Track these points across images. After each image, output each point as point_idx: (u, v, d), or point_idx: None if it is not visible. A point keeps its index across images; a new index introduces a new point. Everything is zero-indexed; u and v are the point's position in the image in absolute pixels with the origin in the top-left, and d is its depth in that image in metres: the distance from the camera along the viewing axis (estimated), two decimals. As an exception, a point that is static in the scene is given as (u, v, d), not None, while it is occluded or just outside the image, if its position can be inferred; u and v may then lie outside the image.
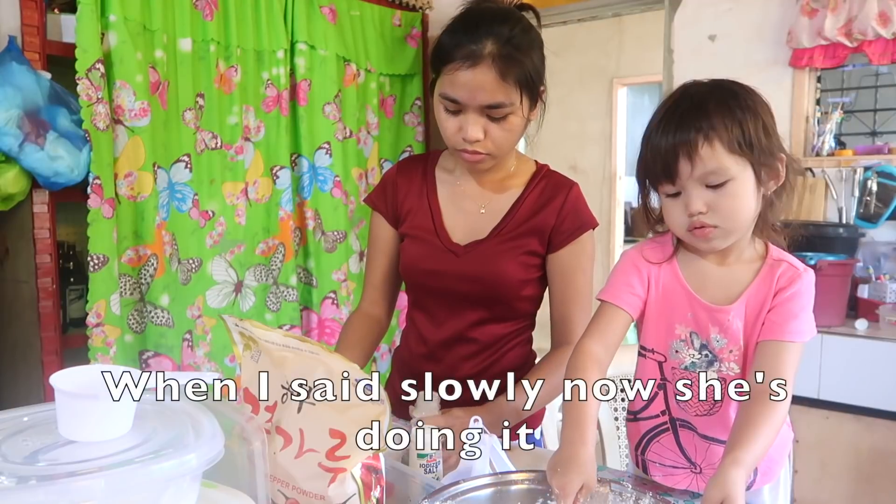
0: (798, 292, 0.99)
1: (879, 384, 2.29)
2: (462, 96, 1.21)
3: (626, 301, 1.06)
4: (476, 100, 1.20)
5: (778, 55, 2.82)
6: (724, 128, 0.93)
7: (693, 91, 0.99)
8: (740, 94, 0.97)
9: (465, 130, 1.22)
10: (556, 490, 0.86)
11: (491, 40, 1.18)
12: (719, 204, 0.95)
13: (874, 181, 2.61)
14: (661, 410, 1.09)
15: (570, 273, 1.33)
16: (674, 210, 0.99)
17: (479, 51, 1.18)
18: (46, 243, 2.06)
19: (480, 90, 1.19)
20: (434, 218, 1.36)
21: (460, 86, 1.20)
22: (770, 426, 0.90)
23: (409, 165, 1.44)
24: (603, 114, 5.37)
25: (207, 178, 2.43)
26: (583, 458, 0.89)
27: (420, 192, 1.39)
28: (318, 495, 0.79)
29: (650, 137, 0.99)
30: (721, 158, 0.93)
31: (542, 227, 1.32)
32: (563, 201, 1.32)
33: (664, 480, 1.09)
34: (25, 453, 0.62)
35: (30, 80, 1.92)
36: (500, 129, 1.24)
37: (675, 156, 0.94)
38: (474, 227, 1.35)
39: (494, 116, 1.22)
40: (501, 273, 1.30)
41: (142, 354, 2.25)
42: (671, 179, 0.96)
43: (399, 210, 1.40)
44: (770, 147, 0.96)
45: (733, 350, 1.02)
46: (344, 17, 2.86)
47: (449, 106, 1.24)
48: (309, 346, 0.82)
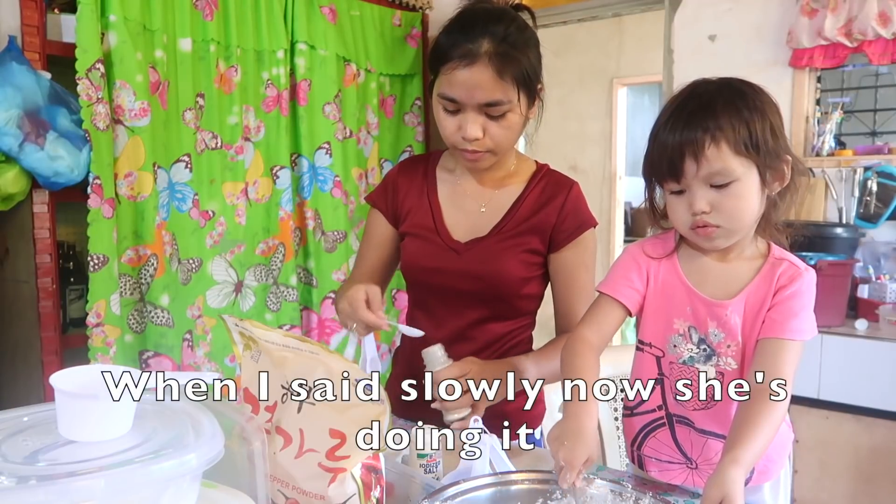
0: (799, 291, 0.99)
1: (879, 384, 2.29)
2: (460, 95, 1.22)
3: (624, 294, 1.07)
4: (474, 98, 1.21)
5: (778, 55, 2.82)
6: (732, 128, 0.93)
7: (702, 90, 0.99)
8: (749, 93, 0.97)
9: (464, 129, 1.23)
10: (562, 462, 0.87)
11: (487, 39, 1.19)
12: (723, 204, 0.95)
13: (874, 181, 2.62)
14: (657, 405, 1.09)
15: (573, 270, 1.34)
16: (678, 208, 0.99)
17: (475, 49, 1.19)
18: (46, 243, 2.06)
19: (478, 88, 1.20)
20: (434, 216, 1.37)
21: (458, 85, 1.21)
22: (769, 425, 0.91)
23: (411, 165, 1.45)
24: (603, 114, 5.37)
25: (207, 178, 2.43)
26: (588, 430, 0.91)
27: (420, 191, 1.39)
28: (318, 495, 0.79)
29: (657, 135, 0.99)
30: (727, 159, 0.93)
31: (543, 226, 1.32)
32: (563, 200, 1.33)
33: (660, 476, 1.10)
34: (25, 453, 0.62)
35: (30, 80, 1.92)
36: (498, 128, 1.24)
37: (681, 155, 0.95)
38: (475, 226, 1.35)
39: (493, 114, 1.23)
40: (502, 270, 1.31)
41: (142, 354, 2.25)
42: (676, 178, 0.96)
43: (399, 209, 1.41)
44: (776, 149, 0.96)
45: (731, 345, 1.02)
46: (344, 17, 2.86)
47: (448, 106, 1.25)
48: (309, 346, 0.82)
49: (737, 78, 1.00)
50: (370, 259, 1.44)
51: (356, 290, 1.19)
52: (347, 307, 1.19)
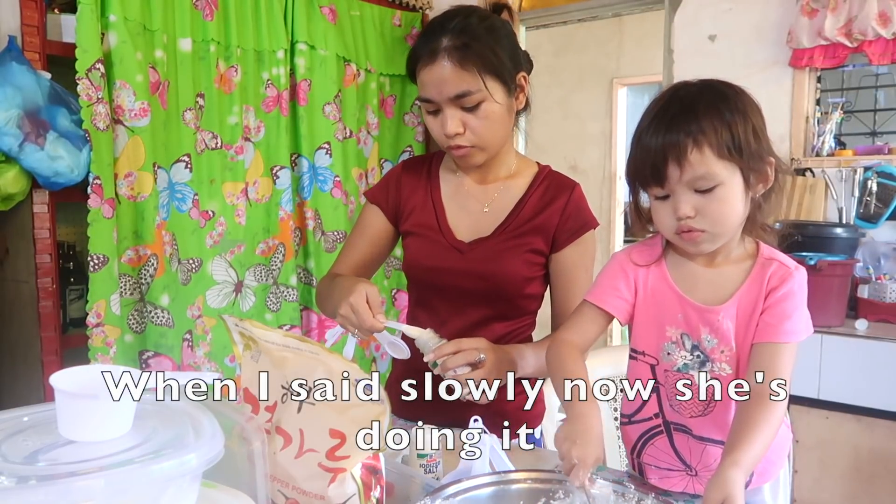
0: (790, 292, 0.98)
1: (879, 384, 2.29)
2: (431, 94, 1.26)
3: (611, 304, 1.06)
4: (443, 93, 1.25)
5: (778, 55, 2.82)
6: (714, 132, 0.93)
7: (683, 93, 0.98)
8: (730, 95, 0.96)
9: (445, 125, 1.27)
10: (575, 460, 0.87)
11: (446, 36, 1.25)
12: (707, 208, 0.95)
13: (874, 181, 2.61)
14: (654, 413, 1.09)
15: (573, 270, 1.35)
16: (662, 212, 0.99)
17: (435, 47, 1.25)
18: (46, 243, 2.06)
19: (443, 83, 1.24)
20: (438, 215, 1.38)
21: (427, 84, 1.26)
22: (768, 427, 0.90)
23: (415, 164, 1.46)
24: (603, 114, 5.37)
25: (207, 178, 2.43)
26: (596, 430, 0.92)
27: (424, 191, 1.40)
28: (318, 495, 0.79)
29: (640, 138, 0.98)
30: (710, 164, 0.93)
31: (546, 227, 1.33)
32: (566, 201, 1.34)
33: (660, 483, 1.09)
34: (25, 453, 0.62)
35: (30, 80, 1.92)
36: (476, 119, 1.27)
37: (664, 160, 0.94)
38: (478, 225, 1.36)
39: (466, 106, 1.26)
40: (507, 270, 1.31)
41: (142, 354, 2.25)
42: (660, 183, 0.96)
43: (402, 207, 1.41)
44: (759, 151, 0.96)
45: (724, 350, 1.01)
46: (344, 17, 2.86)
47: (428, 107, 1.29)
48: (309, 346, 0.82)
49: (718, 80, 1.00)
50: (361, 251, 1.43)
51: (357, 294, 1.15)
52: (350, 314, 1.16)
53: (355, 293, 1.16)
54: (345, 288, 1.20)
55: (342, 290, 1.21)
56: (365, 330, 1.16)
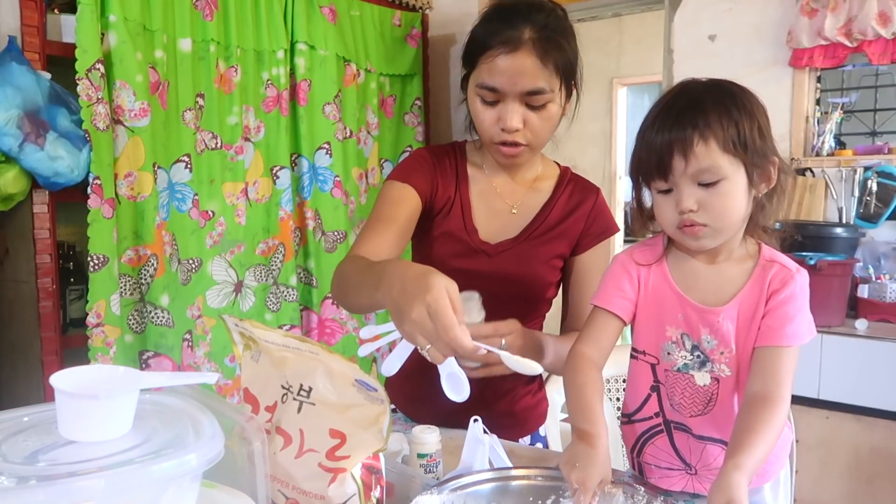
0: (792, 294, 0.98)
1: (879, 384, 2.29)
2: (502, 83, 1.17)
3: (619, 306, 1.06)
4: (516, 86, 1.17)
5: (778, 55, 2.82)
6: (720, 126, 0.94)
7: (690, 89, 0.99)
8: (737, 94, 0.97)
9: (505, 119, 1.19)
10: (576, 484, 0.87)
11: (529, 26, 1.16)
12: (710, 203, 0.95)
13: (874, 181, 2.61)
14: (654, 412, 1.09)
15: (590, 274, 1.33)
16: (665, 207, 0.99)
17: (518, 36, 1.15)
18: (46, 243, 2.06)
19: (521, 75, 1.16)
20: (465, 215, 1.31)
21: (500, 72, 1.16)
22: (771, 430, 0.90)
23: (440, 154, 1.34)
24: (603, 114, 5.37)
25: (207, 178, 2.43)
26: (601, 452, 0.91)
27: (453, 186, 1.32)
28: (318, 495, 0.79)
29: (645, 133, 0.99)
30: (715, 157, 0.93)
31: (572, 232, 1.32)
32: (591, 206, 1.33)
33: (660, 482, 1.09)
34: (25, 453, 0.62)
35: (30, 81, 1.92)
36: (538, 119, 1.20)
37: (670, 152, 0.94)
38: (504, 227, 1.31)
39: (534, 104, 1.19)
40: (534, 274, 1.30)
41: (142, 354, 2.25)
42: (664, 176, 0.96)
43: (438, 197, 1.30)
44: (764, 149, 0.96)
45: (724, 352, 1.01)
46: (344, 17, 2.86)
47: (487, 96, 1.20)
48: (309, 346, 0.82)
49: (725, 79, 1.00)
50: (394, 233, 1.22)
51: (438, 292, 0.82)
52: (426, 320, 0.82)
53: (434, 289, 0.82)
54: (408, 278, 0.86)
55: (400, 279, 0.88)
56: (444, 345, 0.83)
